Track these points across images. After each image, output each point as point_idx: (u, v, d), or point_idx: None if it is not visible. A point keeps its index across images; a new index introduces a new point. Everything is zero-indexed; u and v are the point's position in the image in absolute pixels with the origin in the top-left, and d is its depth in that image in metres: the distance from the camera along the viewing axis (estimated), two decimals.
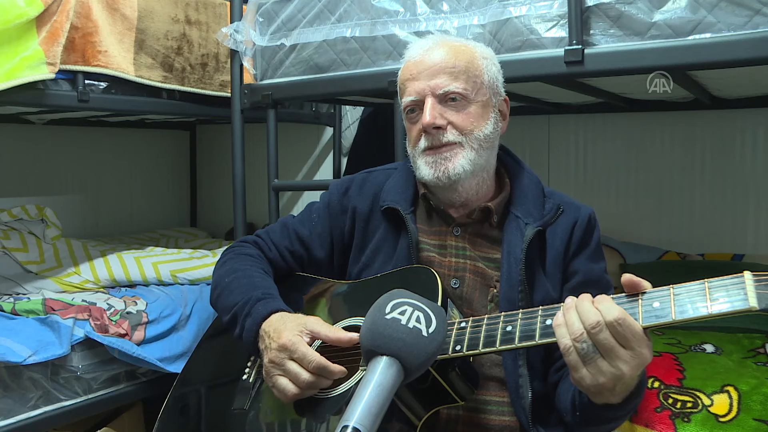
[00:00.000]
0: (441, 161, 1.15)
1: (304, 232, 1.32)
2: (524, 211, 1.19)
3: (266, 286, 1.20)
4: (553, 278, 1.17)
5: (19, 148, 2.88)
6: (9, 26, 1.73)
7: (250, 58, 2.07)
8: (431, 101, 1.14)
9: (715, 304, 0.81)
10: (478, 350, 0.95)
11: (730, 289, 0.81)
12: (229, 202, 2.37)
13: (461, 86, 1.14)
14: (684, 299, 0.83)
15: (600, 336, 0.84)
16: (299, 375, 1.02)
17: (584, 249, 1.19)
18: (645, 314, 0.85)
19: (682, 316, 0.82)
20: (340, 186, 1.34)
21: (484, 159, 1.18)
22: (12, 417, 1.79)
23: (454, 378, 1.01)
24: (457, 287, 1.17)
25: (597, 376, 0.86)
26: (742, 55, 1.33)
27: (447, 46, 1.18)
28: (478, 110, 1.16)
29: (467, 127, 1.15)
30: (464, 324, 0.99)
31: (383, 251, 1.24)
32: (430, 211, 1.25)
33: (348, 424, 0.72)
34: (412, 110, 1.19)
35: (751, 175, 2.38)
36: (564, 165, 2.72)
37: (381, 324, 0.83)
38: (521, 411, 1.10)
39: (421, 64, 1.17)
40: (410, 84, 1.18)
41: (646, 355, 0.85)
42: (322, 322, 1.08)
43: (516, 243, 1.15)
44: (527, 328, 0.93)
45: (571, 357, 0.87)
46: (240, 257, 1.30)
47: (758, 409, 1.51)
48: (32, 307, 1.95)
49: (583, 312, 0.86)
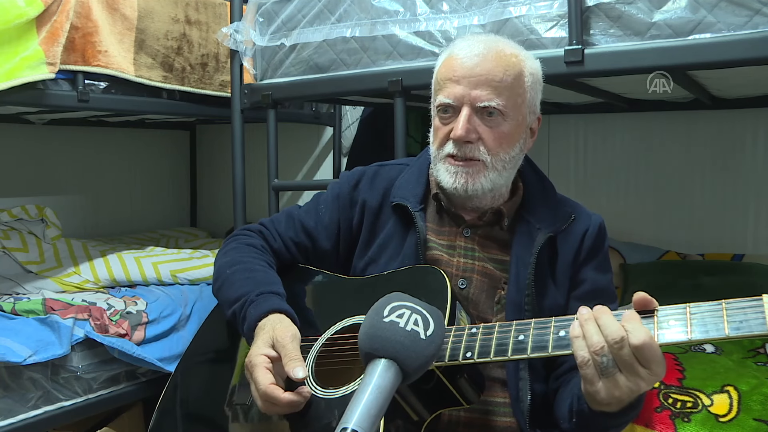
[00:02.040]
0: (462, 174, 1.13)
1: (310, 223, 1.30)
2: (536, 216, 1.18)
3: (266, 281, 1.18)
4: (561, 285, 1.16)
5: (19, 148, 2.88)
6: (9, 26, 1.73)
7: (250, 58, 2.07)
8: (467, 112, 1.11)
9: (732, 326, 0.79)
10: (489, 358, 0.94)
11: (748, 313, 0.80)
12: (229, 202, 2.37)
13: (502, 103, 1.11)
14: (700, 320, 0.82)
15: (622, 352, 0.83)
16: (255, 398, 1.02)
17: (593, 258, 1.19)
18: (660, 332, 0.84)
19: (698, 337, 0.81)
20: (351, 178, 1.32)
21: (504, 179, 1.17)
22: (12, 417, 1.79)
23: (462, 383, 1.01)
24: (464, 288, 1.16)
25: (613, 390, 0.85)
26: (742, 55, 1.33)
27: (498, 54, 1.12)
28: (511, 130, 1.14)
29: (495, 148, 1.12)
30: (475, 330, 0.98)
31: (390, 247, 1.22)
32: (440, 210, 1.23)
33: (347, 427, 0.72)
34: (445, 111, 1.15)
35: (751, 175, 2.38)
36: (564, 165, 2.72)
37: (379, 327, 0.83)
38: (520, 413, 1.10)
39: (466, 68, 1.12)
40: (450, 85, 1.13)
41: (662, 373, 0.85)
42: (291, 345, 1.01)
43: (526, 247, 1.15)
44: (540, 338, 0.92)
45: (588, 370, 0.86)
46: (243, 248, 1.28)
47: (758, 409, 1.51)
48: (32, 307, 1.95)
49: (605, 325, 0.85)
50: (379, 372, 0.79)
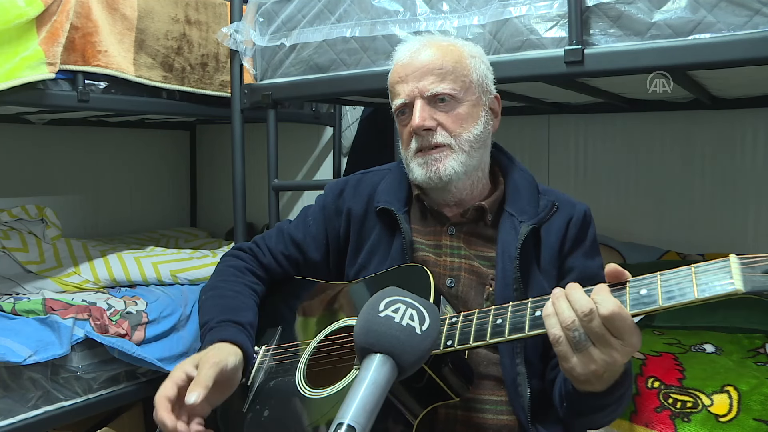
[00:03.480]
0: (432, 162, 1.15)
1: (299, 235, 1.33)
2: (518, 209, 1.19)
3: (231, 308, 1.19)
4: (549, 275, 1.17)
5: (19, 148, 2.88)
6: (9, 26, 1.73)
7: (250, 58, 2.07)
8: (420, 103, 1.15)
9: (702, 288, 0.80)
10: (469, 344, 0.95)
11: (717, 273, 0.80)
12: (229, 202, 2.37)
13: (449, 87, 1.15)
14: (671, 285, 0.83)
15: (593, 324, 0.84)
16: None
17: (580, 246, 1.19)
18: (632, 302, 0.84)
19: (669, 302, 0.81)
20: (335, 188, 1.34)
21: (476, 160, 1.18)
22: (12, 417, 1.80)
23: (447, 373, 1.01)
24: (452, 286, 1.17)
25: (588, 364, 0.86)
26: (742, 55, 1.33)
27: (434, 46, 1.18)
28: (468, 110, 1.17)
29: (456, 129, 1.15)
30: (455, 319, 0.99)
31: (379, 252, 1.24)
32: (424, 211, 1.25)
33: (343, 422, 0.72)
34: (402, 112, 1.20)
35: (751, 175, 2.38)
36: (564, 165, 2.72)
37: (374, 322, 0.83)
38: (520, 410, 1.10)
39: (408, 66, 1.17)
40: (399, 86, 1.19)
41: (636, 343, 0.85)
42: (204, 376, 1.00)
43: (510, 241, 1.15)
44: (517, 320, 0.93)
45: (561, 347, 0.87)
46: (225, 270, 1.30)
47: (758, 409, 1.51)
48: (32, 307, 1.96)
49: (574, 300, 0.86)
50: (375, 367, 0.79)
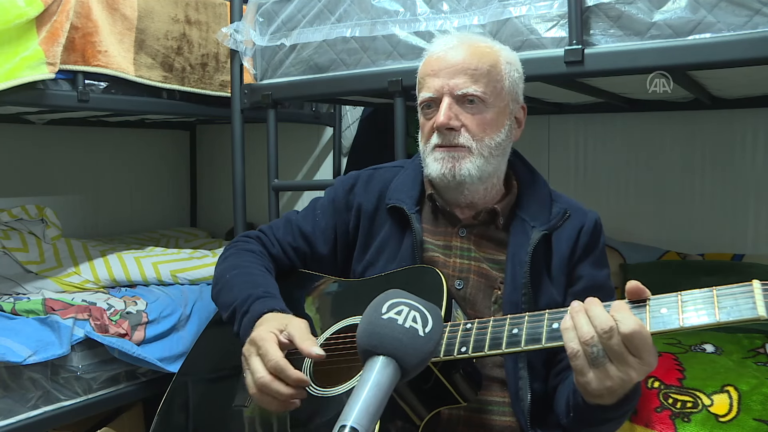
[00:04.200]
0: (449, 159, 1.14)
1: (307, 228, 1.31)
2: (531, 214, 1.19)
3: (266, 284, 1.19)
4: (558, 282, 1.17)
5: (19, 148, 2.88)
6: (9, 26, 1.73)
7: (250, 58, 2.07)
8: (448, 101, 1.14)
9: (723, 312, 0.80)
10: (483, 352, 0.95)
11: (738, 298, 0.80)
12: (229, 202, 2.37)
13: (480, 89, 1.13)
14: (691, 307, 0.83)
15: (612, 341, 0.84)
16: (257, 372, 0.98)
17: (590, 254, 1.19)
18: (653, 320, 0.85)
19: (689, 324, 0.82)
20: (346, 182, 1.33)
21: (492, 167, 1.17)
22: (12, 417, 1.79)
23: (458, 379, 1.01)
24: (461, 288, 1.17)
25: (604, 380, 0.86)
26: (742, 55, 1.33)
27: (472, 46, 1.17)
28: (494, 116, 1.15)
29: (479, 133, 1.14)
30: (470, 325, 0.99)
31: (387, 250, 1.23)
32: (435, 211, 1.24)
33: (346, 424, 0.72)
34: (428, 106, 1.18)
35: (751, 176, 2.38)
36: (564, 165, 2.72)
37: (377, 324, 0.83)
38: (520, 413, 1.10)
39: (442, 61, 1.16)
40: (429, 80, 1.17)
41: (654, 362, 0.85)
42: (305, 329, 1.02)
43: (521, 246, 1.15)
44: (534, 331, 0.92)
45: (578, 361, 0.86)
46: (242, 253, 1.29)
47: (758, 409, 1.51)
48: (32, 307, 1.95)
49: (594, 316, 0.86)
50: (378, 369, 0.79)
